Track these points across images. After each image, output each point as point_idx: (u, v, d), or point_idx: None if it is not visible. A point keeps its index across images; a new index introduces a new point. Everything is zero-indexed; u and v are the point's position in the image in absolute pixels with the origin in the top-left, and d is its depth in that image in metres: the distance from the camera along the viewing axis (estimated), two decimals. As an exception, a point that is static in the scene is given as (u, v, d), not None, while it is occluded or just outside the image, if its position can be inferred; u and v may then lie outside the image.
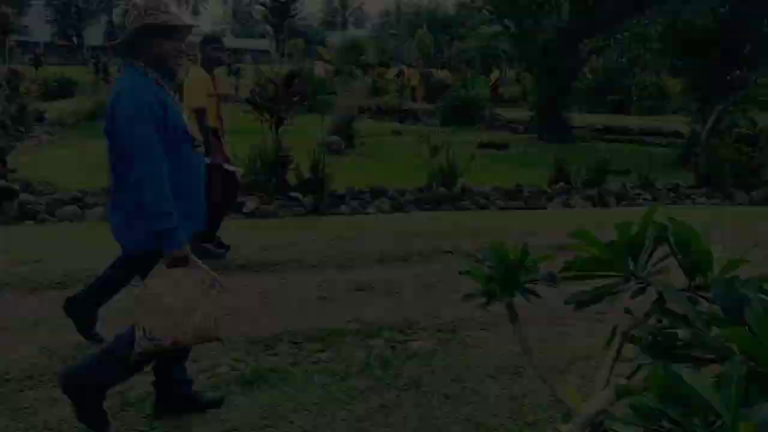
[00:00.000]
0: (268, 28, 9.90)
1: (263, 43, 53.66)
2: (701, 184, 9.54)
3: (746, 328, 1.84)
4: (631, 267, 2.36)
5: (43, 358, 3.69)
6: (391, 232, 6.72)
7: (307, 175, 8.18)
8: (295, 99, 8.23)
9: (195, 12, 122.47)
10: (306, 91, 11.26)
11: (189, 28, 2.98)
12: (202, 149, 3.01)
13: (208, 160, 5.38)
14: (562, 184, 9.08)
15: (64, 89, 25.13)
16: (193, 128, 3.02)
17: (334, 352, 3.97)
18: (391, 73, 33.16)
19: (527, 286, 2.36)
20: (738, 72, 12.16)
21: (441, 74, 27.81)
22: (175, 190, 2.76)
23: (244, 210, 7.55)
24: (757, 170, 9.64)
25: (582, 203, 8.67)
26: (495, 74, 28.74)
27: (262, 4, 9.18)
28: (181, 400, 3.13)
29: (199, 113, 5.27)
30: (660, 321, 2.13)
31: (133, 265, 3.10)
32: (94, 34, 52.53)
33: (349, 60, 40.21)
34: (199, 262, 2.72)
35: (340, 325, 4.39)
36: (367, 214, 7.89)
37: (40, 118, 15.20)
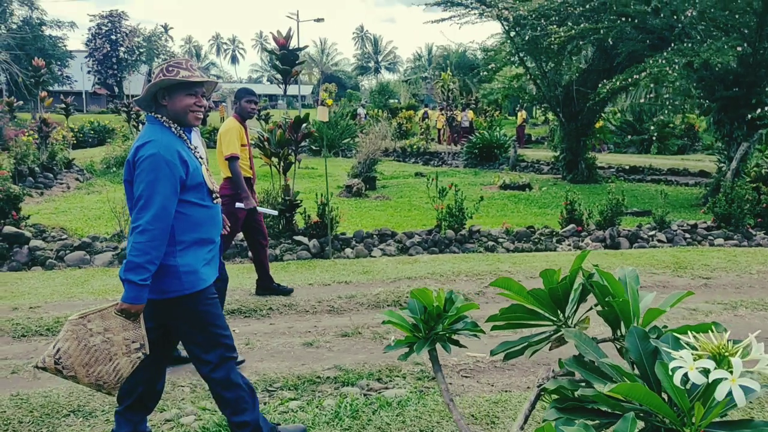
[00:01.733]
0: (278, 76, 10.06)
1: (294, 89, 55.74)
2: (720, 225, 9.26)
3: (654, 383, 1.74)
4: (560, 316, 2.27)
5: (12, 407, 3.69)
6: (389, 276, 6.65)
7: (314, 218, 8.21)
8: (303, 144, 8.30)
9: (234, 60, 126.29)
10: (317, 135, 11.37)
11: (212, 83, 3.10)
12: (220, 200, 3.09)
13: (242, 206, 5.48)
14: (572, 225, 8.91)
15: (100, 136, 26.01)
16: (217, 178, 3.09)
17: (306, 400, 3.90)
18: (418, 115, 33.49)
19: (451, 336, 2.29)
20: (760, 110, 11.90)
21: (465, 116, 27.90)
22: (196, 238, 2.89)
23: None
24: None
25: (593, 245, 8.48)
26: (522, 115, 28.74)
27: (270, 52, 9.36)
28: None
29: (233, 161, 5.48)
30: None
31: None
32: (134, 84, 54.56)
33: (378, 103, 40.81)
34: (143, 325, 2.76)
35: (317, 373, 4.32)
36: (372, 257, 7.83)
37: (69, 164, 15.63)
